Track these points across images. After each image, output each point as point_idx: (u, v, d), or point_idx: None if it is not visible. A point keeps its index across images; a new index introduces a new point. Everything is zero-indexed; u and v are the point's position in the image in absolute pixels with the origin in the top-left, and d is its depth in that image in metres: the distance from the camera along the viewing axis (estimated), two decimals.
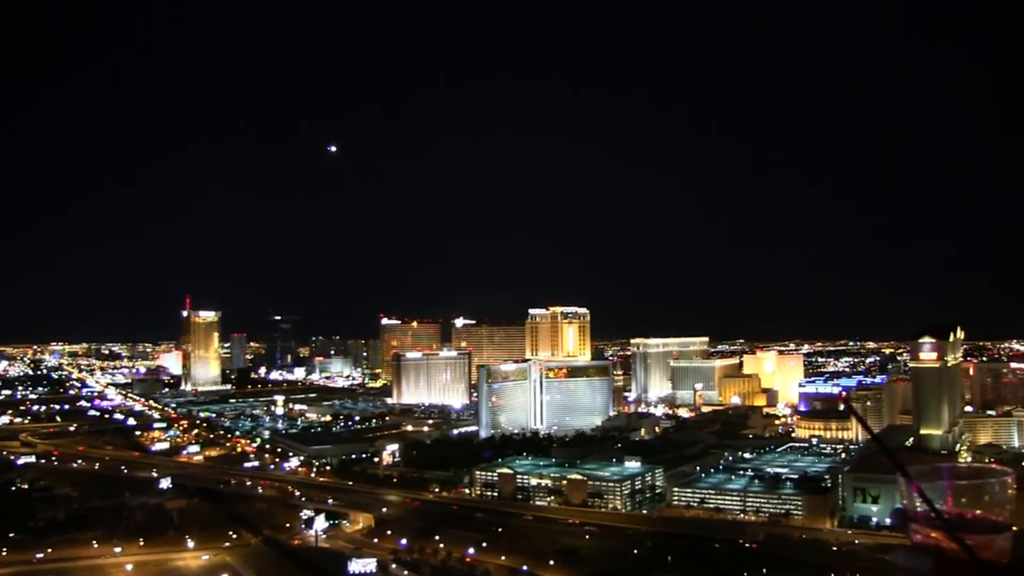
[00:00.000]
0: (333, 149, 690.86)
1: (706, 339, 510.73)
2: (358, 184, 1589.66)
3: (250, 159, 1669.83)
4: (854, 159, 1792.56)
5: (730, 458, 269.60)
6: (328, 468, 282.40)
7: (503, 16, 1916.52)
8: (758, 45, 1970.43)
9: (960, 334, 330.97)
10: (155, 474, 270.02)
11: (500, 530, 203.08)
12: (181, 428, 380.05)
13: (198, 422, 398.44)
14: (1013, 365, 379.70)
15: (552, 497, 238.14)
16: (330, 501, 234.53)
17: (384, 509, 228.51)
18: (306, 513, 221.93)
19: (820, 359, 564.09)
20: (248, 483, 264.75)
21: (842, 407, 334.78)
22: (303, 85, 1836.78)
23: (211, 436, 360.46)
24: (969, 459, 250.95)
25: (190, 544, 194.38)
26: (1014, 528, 3.59)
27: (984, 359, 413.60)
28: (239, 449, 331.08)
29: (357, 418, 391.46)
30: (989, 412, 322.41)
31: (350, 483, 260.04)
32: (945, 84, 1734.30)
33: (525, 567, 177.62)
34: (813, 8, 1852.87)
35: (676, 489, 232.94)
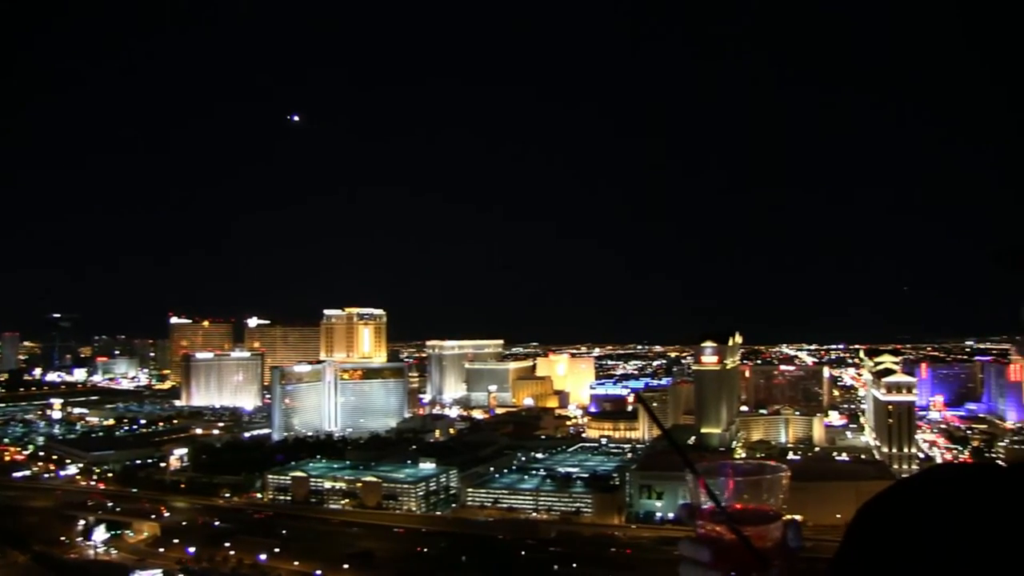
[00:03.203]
0: (296, 118, 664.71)
1: (501, 342, 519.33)
2: (149, 177, 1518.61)
3: (37, 147, 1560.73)
4: (645, 168, 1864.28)
5: (523, 458, 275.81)
6: (110, 475, 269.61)
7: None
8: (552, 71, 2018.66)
9: (738, 339, 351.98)
10: None
11: (293, 535, 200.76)
12: None
13: None
14: (783, 368, 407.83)
15: (346, 500, 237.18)
16: (113, 509, 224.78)
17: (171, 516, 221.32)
18: (84, 524, 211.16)
19: (610, 362, 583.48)
20: (17, 495, 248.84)
21: (630, 408, 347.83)
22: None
23: None
24: (744, 455, 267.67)
25: None
26: (786, 517, 3.88)
27: (759, 362, 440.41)
28: (7, 458, 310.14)
29: (143, 421, 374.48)
30: (761, 411, 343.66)
31: (134, 490, 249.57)
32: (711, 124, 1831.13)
33: (319, 572, 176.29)
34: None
35: (470, 490, 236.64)
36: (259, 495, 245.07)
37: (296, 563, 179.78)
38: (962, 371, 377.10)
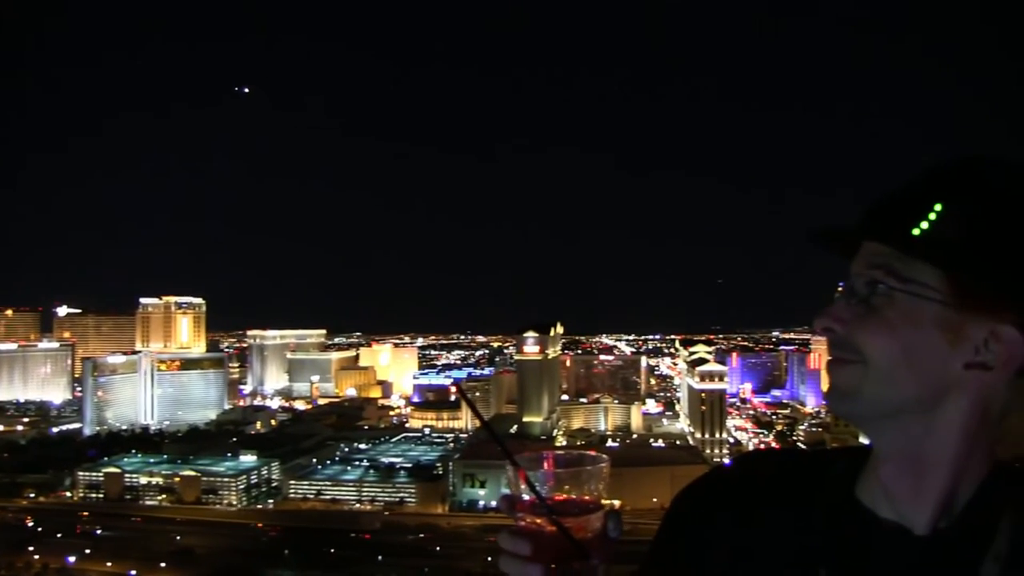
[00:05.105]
0: (246, 90, 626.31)
1: (323, 332, 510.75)
2: None
3: None
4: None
5: (346, 449, 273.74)
6: None
7: None
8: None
9: (560, 329, 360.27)
10: None
11: (106, 534, 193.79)
12: None
13: None
14: (602, 357, 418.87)
15: (164, 496, 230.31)
16: None
17: None
18: None
19: (433, 352, 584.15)
20: None
21: (453, 398, 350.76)
22: None
23: None
24: (564, 442, 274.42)
25: None
26: (607, 504, 2.51)
27: (579, 352, 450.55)
28: None
29: None
30: (582, 400, 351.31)
31: None
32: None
33: (133, 572, 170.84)
34: None
35: (293, 482, 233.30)
36: (69, 494, 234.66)
37: (109, 564, 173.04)
38: (768, 360, 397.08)
